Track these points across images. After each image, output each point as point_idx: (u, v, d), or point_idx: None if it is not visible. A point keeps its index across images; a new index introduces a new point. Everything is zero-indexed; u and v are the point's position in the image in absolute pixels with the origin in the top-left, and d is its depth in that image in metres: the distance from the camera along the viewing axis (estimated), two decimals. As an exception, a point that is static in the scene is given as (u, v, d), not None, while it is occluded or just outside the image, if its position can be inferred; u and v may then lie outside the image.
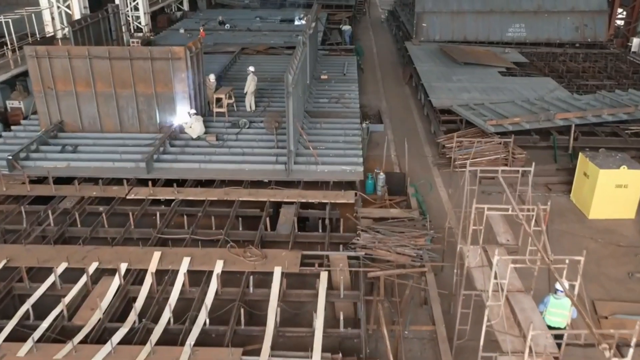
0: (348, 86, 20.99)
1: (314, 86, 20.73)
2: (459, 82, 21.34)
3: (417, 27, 28.75)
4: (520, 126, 16.48)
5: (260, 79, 21.45)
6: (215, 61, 24.35)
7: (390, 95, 23.59)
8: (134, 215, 12.08)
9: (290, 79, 13.11)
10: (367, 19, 42.71)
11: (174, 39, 29.40)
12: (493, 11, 28.57)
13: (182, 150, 15.16)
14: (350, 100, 19.27)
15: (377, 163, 16.40)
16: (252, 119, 17.05)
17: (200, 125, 15.81)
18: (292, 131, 13.68)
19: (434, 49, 26.86)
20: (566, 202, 14.76)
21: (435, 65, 23.97)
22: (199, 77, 16.83)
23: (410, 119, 20.89)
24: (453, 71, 22.89)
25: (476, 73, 22.59)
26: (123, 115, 16.16)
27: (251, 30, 31.41)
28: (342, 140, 15.93)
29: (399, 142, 18.58)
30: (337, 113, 18.09)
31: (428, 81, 21.31)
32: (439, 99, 19.15)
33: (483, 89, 20.42)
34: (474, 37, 28.63)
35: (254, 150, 15.03)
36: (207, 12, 38.87)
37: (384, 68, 28.02)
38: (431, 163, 16.96)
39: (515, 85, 20.91)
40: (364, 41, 34.32)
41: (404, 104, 22.66)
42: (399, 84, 25.40)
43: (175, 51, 15.51)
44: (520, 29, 28.57)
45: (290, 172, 13.84)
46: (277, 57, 25.27)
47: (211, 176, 13.91)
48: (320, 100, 19.30)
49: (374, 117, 20.53)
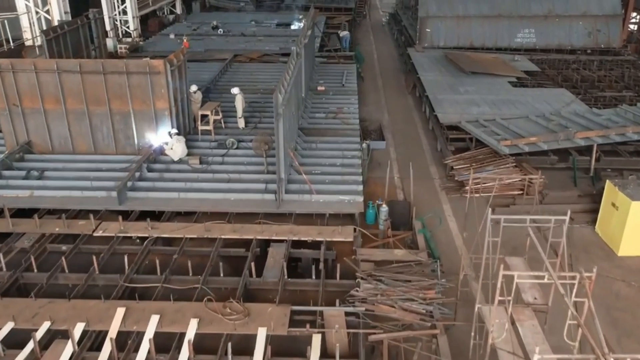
0: (347, 99, 19.40)
1: (309, 99, 19.15)
2: (467, 94, 19.74)
3: (420, 33, 27.16)
4: (538, 147, 14.89)
5: (251, 90, 19.94)
6: (205, 70, 22.82)
7: (393, 107, 22.00)
8: (98, 258, 10.49)
9: (280, 99, 11.53)
10: (368, 22, 41.08)
11: (163, 44, 27.86)
12: (501, 16, 26.98)
13: (160, 176, 13.57)
14: (349, 115, 17.67)
15: (379, 187, 14.86)
16: (241, 138, 15.49)
17: (182, 147, 14.23)
18: (282, 157, 12.10)
19: (438, 56, 25.26)
20: (591, 234, 13.18)
21: (440, 74, 22.38)
22: (182, 92, 15.25)
23: (415, 134, 19.30)
24: (460, 81, 21.30)
25: (485, 84, 21.00)
26: (97, 135, 14.58)
27: (245, 35, 29.82)
28: (340, 163, 14.35)
29: (402, 161, 17.01)
30: (335, 130, 16.49)
31: (433, 93, 19.72)
32: (446, 115, 17.55)
33: (493, 102, 18.82)
34: (481, 43, 27.03)
35: (241, 177, 13.43)
36: (200, 15, 37.28)
37: (386, 76, 26.42)
38: (439, 186, 15.37)
39: (527, 98, 19.31)
40: (364, 46, 32.73)
41: (407, 116, 21.07)
42: (401, 94, 23.81)
43: (154, 65, 13.92)
44: (529, 35, 26.98)
45: (280, 203, 12.26)
46: (271, 66, 23.68)
47: (192, 207, 12.32)
48: (317, 116, 17.71)
49: (375, 132, 18.94)
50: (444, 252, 12.04)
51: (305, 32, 18.30)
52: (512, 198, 14.34)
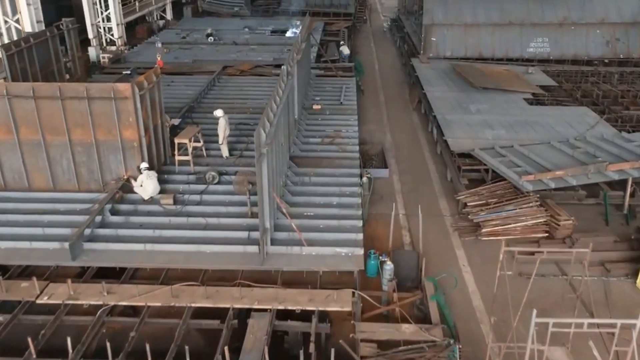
0: (345, 119, 17.42)
1: (303, 119, 17.17)
2: (479, 114, 17.76)
3: (425, 42, 25.18)
4: (565, 182, 12.91)
5: (239, 109, 17.99)
6: (191, 84, 20.89)
7: (396, 126, 20.01)
8: (39, 336, 8.52)
9: (264, 137, 9.56)
10: (368, 28, 39.06)
11: (148, 54, 25.85)
12: (512, 24, 24.99)
13: (126, 221, 11.57)
14: (347, 141, 15.69)
15: (382, 226, 12.93)
16: (224, 169, 13.53)
17: (153, 184, 12.27)
18: (267, 204, 10.14)
19: (445, 68, 23.28)
20: (631, 290, 11.20)
21: (448, 89, 20.40)
22: (156, 118, 13.28)
23: (421, 158, 17.31)
24: (470, 98, 19.31)
25: (498, 101, 19.02)
26: (56, 169, 12.61)
27: (237, 44, 27.83)
28: (337, 202, 12.37)
29: (408, 193, 15.05)
30: (331, 160, 14.51)
31: (442, 113, 17.74)
32: (457, 140, 15.57)
33: (509, 124, 16.83)
34: (490, 54, 25.05)
35: (220, 222, 11.44)
36: (191, 21, 35.29)
37: (388, 88, 24.43)
38: (450, 226, 13.39)
39: (546, 118, 17.32)
40: (365, 55, 30.74)
41: (412, 137, 19.08)
42: (405, 110, 21.82)
43: (120, 89, 11.95)
44: (543, 44, 25.00)
45: (265, 258, 10.28)
46: (263, 80, 21.68)
47: (159, 263, 10.35)
48: (311, 141, 15.72)
49: (376, 157, 16.96)
50: (460, 317, 10.08)
51: (298, 46, 16.33)
52: (536, 242, 12.39)
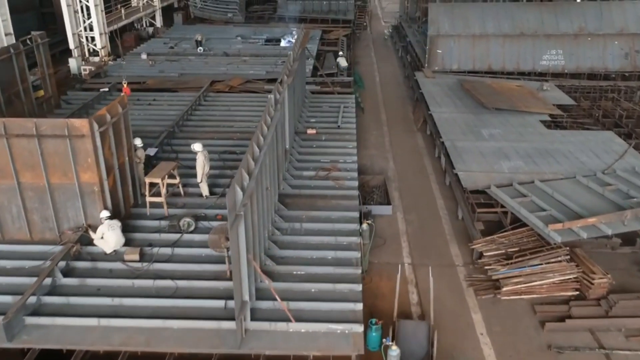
0: (343, 147, 15.59)
1: (296, 146, 15.35)
2: (493, 141, 15.91)
3: (430, 54, 23.36)
4: (599, 230, 11.07)
5: (225, 134, 16.17)
6: (175, 103, 19.13)
7: (399, 150, 18.17)
8: None
9: (240, 195, 7.74)
10: (368, 35, 37.24)
11: (132, 67, 24.09)
12: (524, 34, 23.18)
13: (81, 284, 9.72)
14: (345, 174, 13.86)
15: (384, 280, 11.20)
16: (202, 212, 11.73)
17: (116, 235, 10.43)
18: (244, 274, 8.31)
19: (452, 83, 21.47)
20: (685, 369, 9.40)
21: (456, 109, 18.57)
22: (122, 154, 11.46)
23: (427, 190, 15.47)
24: (482, 120, 17.49)
25: (513, 124, 17.19)
26: (4, 216, 10.78)
27: (228, 54, 25.99)
28: (332, 257, 10.54)
29: (413, 235, 13.23)
30: (327, 199, 12.69)
31: (451, 139, 15.91)
32: (470, 175, 13.73)
33: (526, 153, 15.00)
34: (500, 67, 23.25)
35: (192, 285, 9.61)
36: (182, 28, 33.47)
37: (390, 105, 22.59)
38: (464, 280, 11.56)
39: (568, 146, 15.49)
40: (365, 65, 28.92)
41: (418, 163, 17.23)
42: (409, 130, 19.98)
43: (75, 125, 10.12)
44: (557, 57, 23.20)
45: (243, 338, 8.45)
46: (254, 98, 19.87)
47: (115, 345, 8.51)
48: (304, 174, 13.89)
49: (378, 190, 15.13)
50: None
51: (290, 67, 14.51)
52: (565, 303, 10.57)
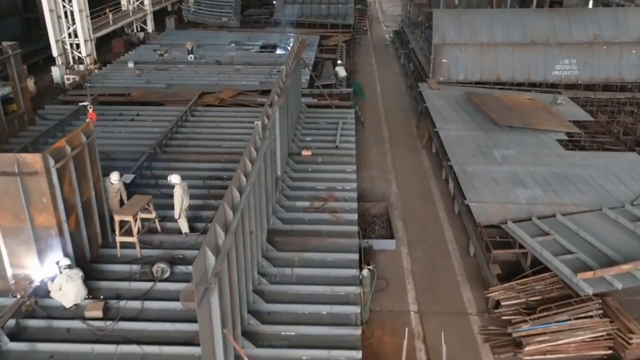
0: (341, 170, 14.15)
1: (289, 170, 13.90)
2: (506, 164, 14.44)
3: (435, 64, 21.90)
4: (635, 279, 9.62)
5: (212, 155, 14.70)
6: (160, 117, 17.70)
7: (403, 170, 16.72)
8: None
9: (212, 263, 6.27)
10: (369, 41, 35.77)
11: (117, 77, 22.64)
12: (535, 43, 21.71)
13: (30, 349, 8.27)
14: (344, 205, 12.41)
15: (387, 334, 9.75)
16: (180, 254, 10.29)
17: (76, 287, 8.97)
18: (219, 354, 6.85)
19: (459, 96, 20.01)
20: None
21: (465, 126, 17.10)
22: (87, 189, 10.00)
23: (434, 220, 14.00)
24: (492, 139, 16.03)
25: (527, 143, 15.73)
26: (-52, 262, 9.36)
27: (220, 63, 24.52)
28: (327, 312, 9.09)
29: (420, 274, 11.78)
30: (322, 237, 11.22)
31: (460, 162, 14.45)
32: (483, 207, 12.24)
33: (544, 179, 13.54)
34: (510, 77, 21.79)
35: (162, 352, 8.15)
36: (174, 34, 31.99)
37: (392, 118, 21.14)
38: (478, 332, 10.10)
39: (589, 170, 14.04)
40: (365, 73, 27.46)
41: (423, 186, 15.76)
42: (413, 147, 18.52)
43: (27, 162, 8.67)
44: (570, 67, 21.74)
45: None
46: (245, 112, 18.41)
47: None
48: (297, 205, 12.43)
49: (379, 219, 13.67)
50: None
51: (282, 85, 13.05)
52: (597, 365, 9.13)
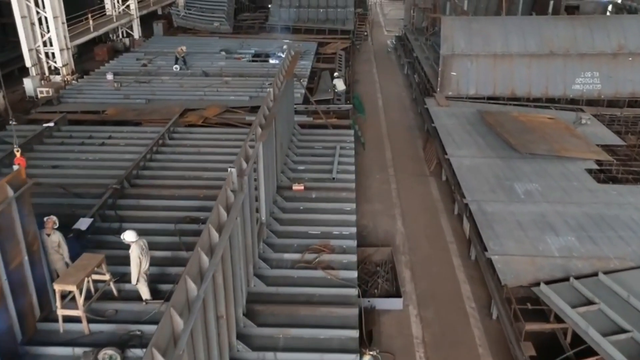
0: (338, 210, 12.11)
1: (277, 211, 11.86)
2: (531, 201, 12.37)
3: (443, 77, 19.87)
4: None
5: (188, 191, 12.60)
6: (134, 141, 15.73)
7: (409, 203, 14.66)
8: None
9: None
10: (370, 47, 33.70)
11: (92, 92, 20.67)
12: (554, 54, 19.67)
13: None
14: (340, 258, 10.36)
15: None
16: (137, 331, 8.27)
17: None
18: None
19: (470, 114, 17.96)
20: None
21: (479, 152, 15.04)
22: (19, 253, 7.96)
23: (447, 266, 11.95)
24: (512, 168, 13.97)
25: (551, 174, 13.67)
26: None
27: (208, 74, 22.47)
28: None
29: (434, 346, 9.71)
30: (313, 303, 9.16)
31: (477, 198, 12.40)
32: (507, 260, 10.17)
33: (578, 222, 11.47)
34: (526, 92, 19.74)
35: None
36: (162, 40, 29.93)
37: (396, 137, 19.08)
38: None
39: (629, 210, 11.92)
40: (366, 84, 25.41)
41: (433, 224, 13.70)
42: (419, 173, 16.47)
43: None
44: (592, 80, 19.69)
45: None
46: (231, 134, 16.36)
47: None
48: (284, 258, 10.37)
49: (384, 267, 11.61)
50: None
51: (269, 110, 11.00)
52: None
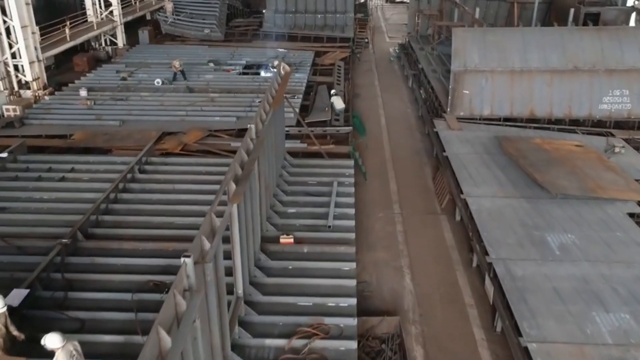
0: (335, 273, 9.91)
1: (259, 275, 9.68)
2: (568, 259, 10.14)
3: (454, 95, 17.70)
4: None
5: (154, 246, 10.25)
6: (99, 175, 13.67)
7: (419, 250, 12.49)
8: None
9: None
10: (371, 55, 31.49)
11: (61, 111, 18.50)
12: (578, 70, 17.50)
13: None
14: (337, 346, 8.18)
15: None
16: None
17: None
18: None
19: (486, 139, 15.79)
20: None
21: (501, 190, 12.83)
22: None
23: (469, 341, 9.79)
24: (540, 213, 11.77)
25: (588, 220, 11.50)
26: None
27: (193, 90, 20.30)
28: None
29: None
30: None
31: (502, 256, 10.19)
32: (549, 350, 7.98)
33: (629, 289, 9.26)
34: (547, 112, 17.57)
35: None
36: (147, 49, 27.74)
37: (401, 164, 16.89)
38: None
39: (689, 271, 9.84)
40: (366, 99, 23.23)
41: (448, 280, 11.50)
42: (429, 210, 14.30)
43: None
44: (621, 99, 17.52)
45: None
46: (212, 165, 14.16)
47: None
48: (266, 345, 8.17)
49: (389, 343, 9.42)
50: None
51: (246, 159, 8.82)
52: None
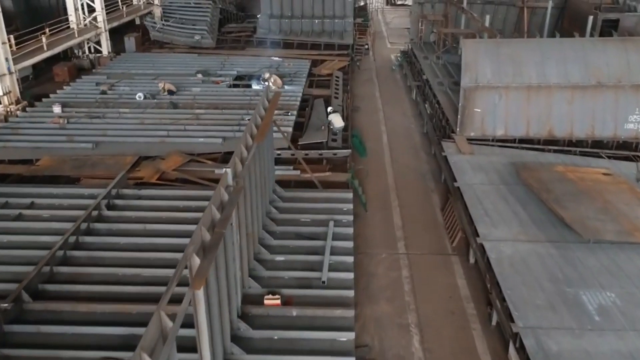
0: (329, 341, 8.19)
1: (236, 352, 7.95)
2: (610, 328, 8.42)
3: (464, 113, 15.96)
4: None
5: (113, 308, 8.33)
6: (63, 212, 11.99)
7: (429, 303, 10.72)
8: None
9: None
10: (371, 63, 29.69)
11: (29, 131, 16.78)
12: (602, 85, 15.74)
13: None
14: None
15: None
16: None
17: None
18: None
19: (502, 166, 14.06)
20: None
21: (523, 233, 11.06)
22: None
23: None
24: (572, 263, 10.03)
25: (627, 272, 9.75)
26: None
27: (176, 106, 18.55)
28: None
29: None
30: None
31: (531, 325, 8.46)
32: None
33: (689, 371, 7.64)
34: (567, 132, 15.83)
35: None
36: (133, 57, 25.98)
37: (405, 192, 15.11)
38: None
39: None
40: (367, 113, 21.48)
41: (464, 342, 9.74)
42: (439, 251, 12.52)
43: None
44: (649, 117, 15.83)
45: None
46: (192, 199, 12.40)
47: None
48: None
49: None
50: None
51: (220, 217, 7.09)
52: None
